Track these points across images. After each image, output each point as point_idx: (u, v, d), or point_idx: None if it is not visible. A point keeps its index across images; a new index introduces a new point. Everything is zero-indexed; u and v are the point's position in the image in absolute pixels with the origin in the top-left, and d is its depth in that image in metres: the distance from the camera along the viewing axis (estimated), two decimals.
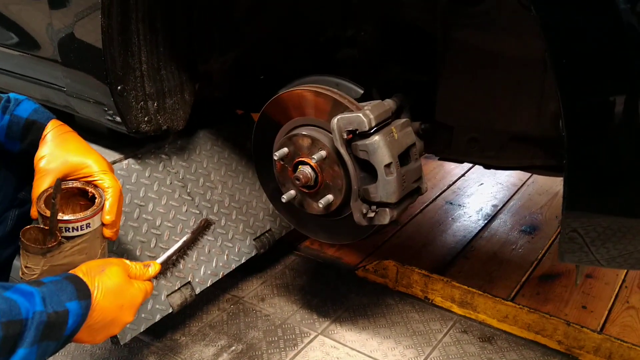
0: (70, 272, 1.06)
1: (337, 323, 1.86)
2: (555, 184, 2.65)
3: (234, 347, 1.77)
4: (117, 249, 1.67)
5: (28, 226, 1.15)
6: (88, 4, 1.47)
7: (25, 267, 1.14)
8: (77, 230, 1.16)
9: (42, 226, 1.16)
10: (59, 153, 1.22)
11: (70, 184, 1.22)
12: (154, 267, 1.21)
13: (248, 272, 2.09)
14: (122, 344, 1.59)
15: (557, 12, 0.93)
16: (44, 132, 1.24)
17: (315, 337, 1.80)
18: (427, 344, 1.76)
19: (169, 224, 1.76)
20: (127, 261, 1.18)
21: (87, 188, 1.22)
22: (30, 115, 1.24)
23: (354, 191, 1.40)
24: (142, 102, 1.64)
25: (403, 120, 1.43)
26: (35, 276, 1.13)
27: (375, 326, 1.84)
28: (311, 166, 1.45)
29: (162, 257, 1.67)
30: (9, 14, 1.76)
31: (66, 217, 1.15)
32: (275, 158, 1.49)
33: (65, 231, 1.15)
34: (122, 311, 1.10)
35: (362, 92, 1.48)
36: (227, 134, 2.06)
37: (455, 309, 1.89)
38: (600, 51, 0.92)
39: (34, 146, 1.24)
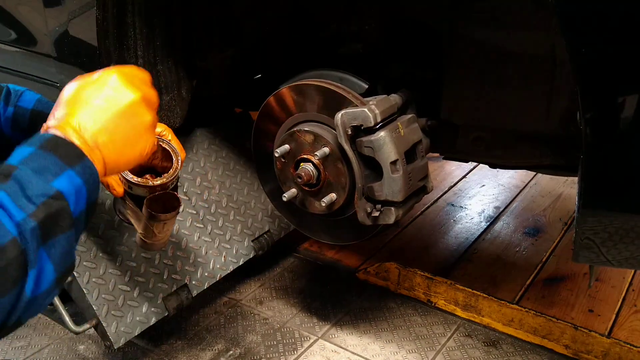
0: (42, 129, 0.83)
1: (337, 327, 1.81)
2: (558, 186, 2.61)
3: (231, 352, 1.71)
4: (110, 249, 1.61)
5: (148, 199, 1.14)
6: None
7: (148, 235, 1.17)
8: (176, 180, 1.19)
9: (145, 195, 1.14)
10: None
11: None
12: None
13: (246, 275, 2.03)
14: (115, 347, 1.54)
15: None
16: None
17: (316, 341, 1.75)
18: (430, 348, 1.71)
19: None
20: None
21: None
22: (35, 106, 1.20)
23: (358, 189, 1.36)
24: None
25: (409, 116, 1.39)
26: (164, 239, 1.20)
27: (376, 330, 1.79)
28: (313, 163, 1.40)
29: None
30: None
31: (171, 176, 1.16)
32: (276, 155, 1.44)
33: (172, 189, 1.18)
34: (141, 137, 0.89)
35: (367, 87, 1.43)
36: (225, 132, 2.01)
37: (459, 312, 1.85)
38: (625, 41, 0.88)
39: None
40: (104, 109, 0.84)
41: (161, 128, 1.18)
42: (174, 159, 1.17)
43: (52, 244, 0.75)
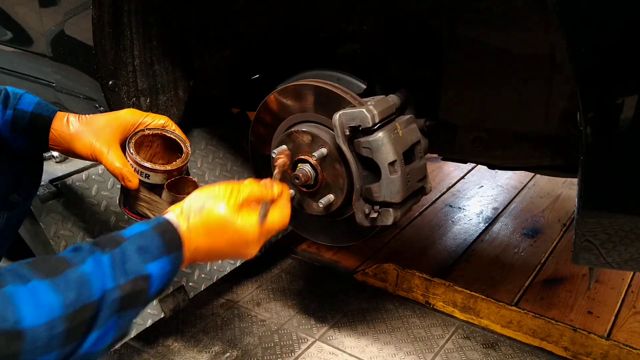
0: (166, 212, 0.98)
1: (335, 328, 1.80)
2: (557, 187, 2.60)
3: (228, 354, 1.70)
4: None
5: (168, 184, 1.18)
6: None
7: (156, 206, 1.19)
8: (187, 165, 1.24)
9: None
10: (101, 126, 1.20)
11: (139, 135, 1.22)
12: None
13: (243, 276, 2.02)
14: (111, 349, 1.53)
15: None
16: (58, 127, 1.19)
17: (313, 343, 1.74)
18: (428, 350, 1.70)
19: None
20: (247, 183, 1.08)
21: (149, 132, 1.23)
22: (35, 109, 1.19)
23: (356, 190, 1.34)
24: (134, 99, 1.58)
25: (407, 116, 1.38)
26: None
27: (375, 332, 1.78)
28: (311, 164, 1.39)
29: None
30: None
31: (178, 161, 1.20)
32: (274, 156, 1.43)
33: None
34: (235, 248, 1.01)
35: (365, 87, 1.42)
36: (222, 133, 2.00)
37: (458, 314, 1.84)
38: (626, 41, 0.87)
39: (42, 142, 1.20)
40: (207, 207, 0.98)
41: (163, 120, 1.23)
42: (182, 145, 1.20)
43: (124, 314, 0.86)
